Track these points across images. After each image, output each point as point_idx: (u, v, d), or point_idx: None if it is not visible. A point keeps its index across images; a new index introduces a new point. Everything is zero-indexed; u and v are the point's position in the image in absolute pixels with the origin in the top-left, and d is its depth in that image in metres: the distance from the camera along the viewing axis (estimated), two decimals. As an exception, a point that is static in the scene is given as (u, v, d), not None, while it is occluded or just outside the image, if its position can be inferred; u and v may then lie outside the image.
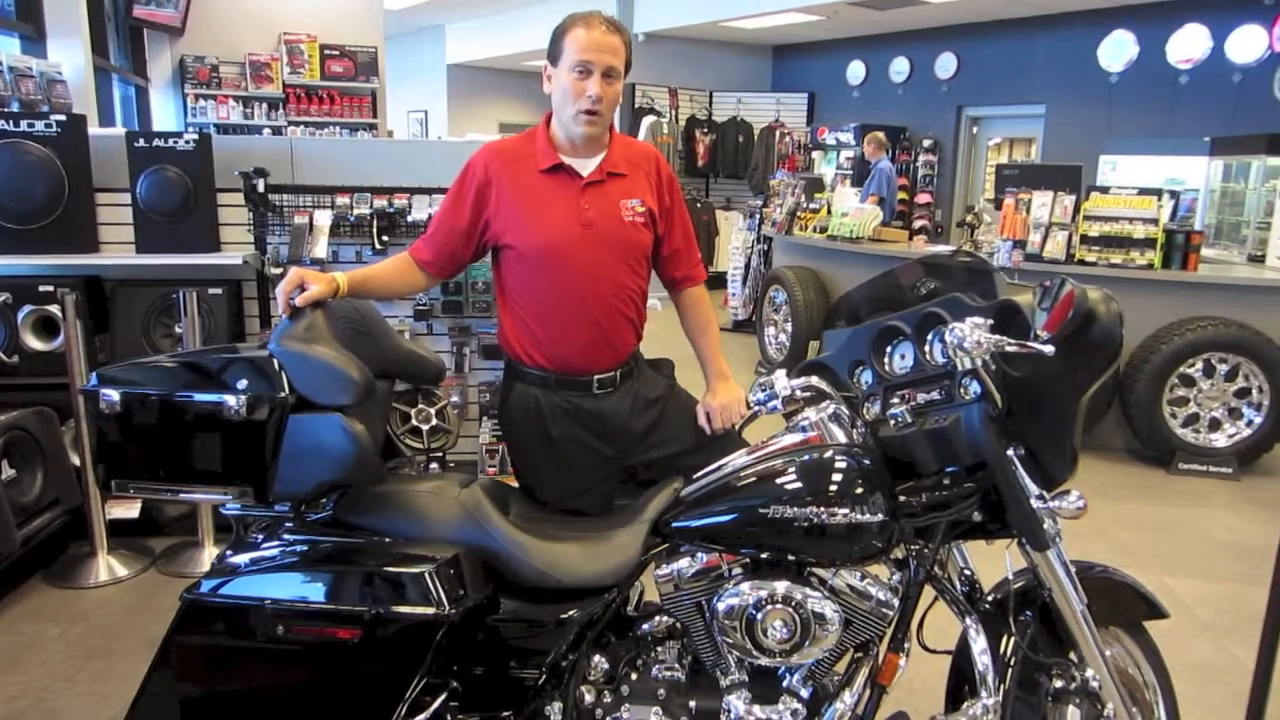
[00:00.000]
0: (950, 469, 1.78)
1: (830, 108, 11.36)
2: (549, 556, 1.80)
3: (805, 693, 1.81)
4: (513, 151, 2.12)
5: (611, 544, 1.83)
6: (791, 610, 1.74)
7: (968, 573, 1.91)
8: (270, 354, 1.71)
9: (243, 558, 1.73)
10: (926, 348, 1.85)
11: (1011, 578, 1.88)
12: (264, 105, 7.92)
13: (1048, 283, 1.74)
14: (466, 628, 1.72)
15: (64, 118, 3.38)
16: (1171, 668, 1.97)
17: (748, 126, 11.37)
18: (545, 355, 2.12)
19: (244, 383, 1.68)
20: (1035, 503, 1.71)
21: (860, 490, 1.72)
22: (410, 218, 3.53)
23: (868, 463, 1.76)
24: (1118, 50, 8.44)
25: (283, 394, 1.67)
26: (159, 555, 3.49)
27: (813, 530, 1.72)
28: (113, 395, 1.68)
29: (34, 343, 3.34)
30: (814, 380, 1.96)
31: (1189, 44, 7.93)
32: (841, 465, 1.75)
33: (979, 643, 1.78)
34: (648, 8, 10.90)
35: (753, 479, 1.79)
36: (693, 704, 1.83)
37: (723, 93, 11.59)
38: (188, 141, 3.46)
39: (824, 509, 1.71)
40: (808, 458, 1.78)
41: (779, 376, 1.97)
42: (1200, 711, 2.64)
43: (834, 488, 1.73)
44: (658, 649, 1.89)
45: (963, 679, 1.88)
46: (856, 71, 11.10)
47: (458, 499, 1.82)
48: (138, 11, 6.89)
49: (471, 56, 13.90)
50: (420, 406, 2.10)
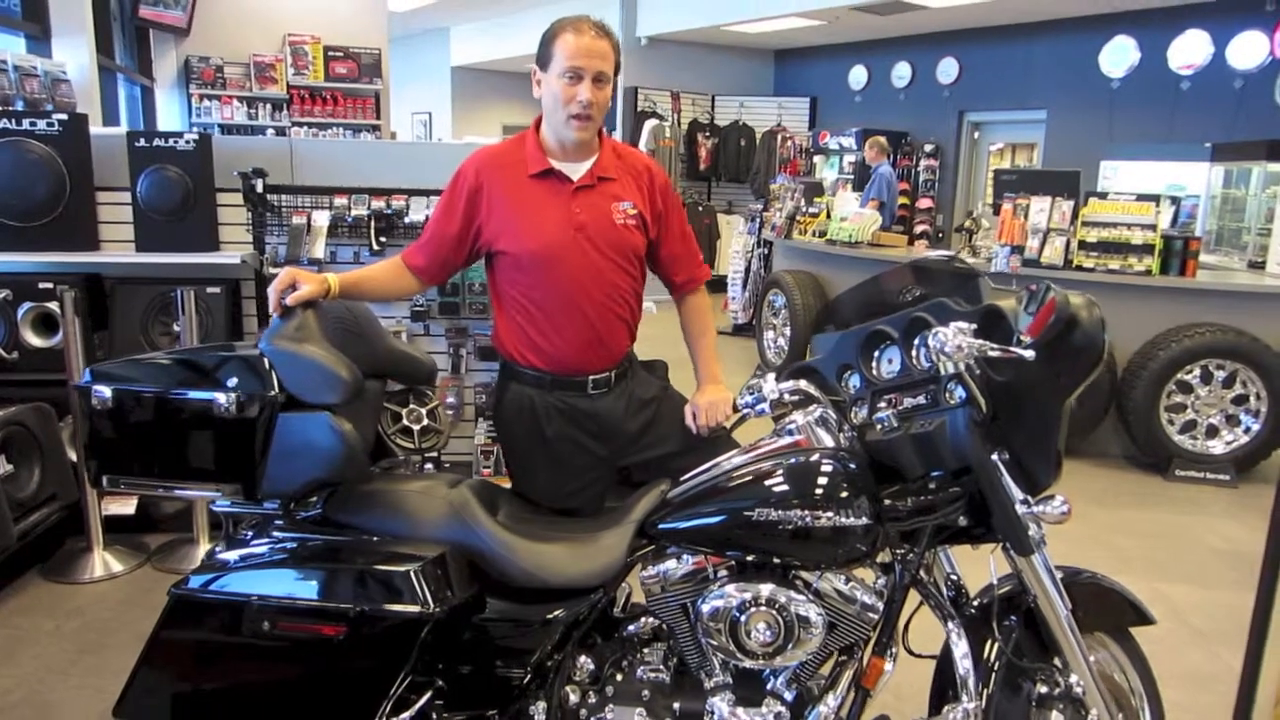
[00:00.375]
0: (936, 473, 1.78)
1: (832, 112, 11.36)
2: (535, 557, 1.81)
3: (789, 695, 1.82)
4: (503, 157, 2.14)
5: (597, 545, 1.84)
6: (775, 613, 1.75)
7: (954, 578, 1.92)
8: (261, 352, 1.73)
9: (232, 554, 1.75)
10: (913, 352, 1.85)
11: (996, 583, 1.88)
12: (268, 106, 7.95)
13: (1034, 287, 1.73)
14: (452, 626, 1.74)
15: (66, 117, 3.40)
16: (1163, 675, 1.96)
17: (750, 130, 11.38)
18: (540, 356, 2.14)
19: (234, 380, 1.70)
20: (1019, 508, 1.71)
21: (845, 494, 1.73)
22: (408, 219, 3.55)
23: (853, 466, 1.77)
24: (1119, 56, 8.44)
25: (272, 392, 1.69)
26: (154, 551, 3.51)
27: (797, 533, 1.72)
28: (105, 391, 1.70)
29: (34, 339, 3.37)
30: (802, 384, 1.97)
31: (1190, 50, 7.92)
32: (827, 469, 1.76)
33: (960, 647, 1.79)
34: (650, 12, 10.92)
35: (738, 482, 1.80)
36: (677, 705, 1.84)
37: (725, 97, 11.60)
38: (188, 141, 3.48)
39: (809, 512, 1.72)
40: (793, 461, 1.79)
41: (767, 380, 1.98)
42: (1190, 719, 2.64)
43: (819, 491, 1.74)
44: (643, 650, 1.90)
45: (947, 683, 1.88)
46: (858, 76, 11.10)
47: (445, 498, 1.83)
48: (143, 12, 6.92)
49: (476, 59, 13.93)
50: (411, 406, 2.11)
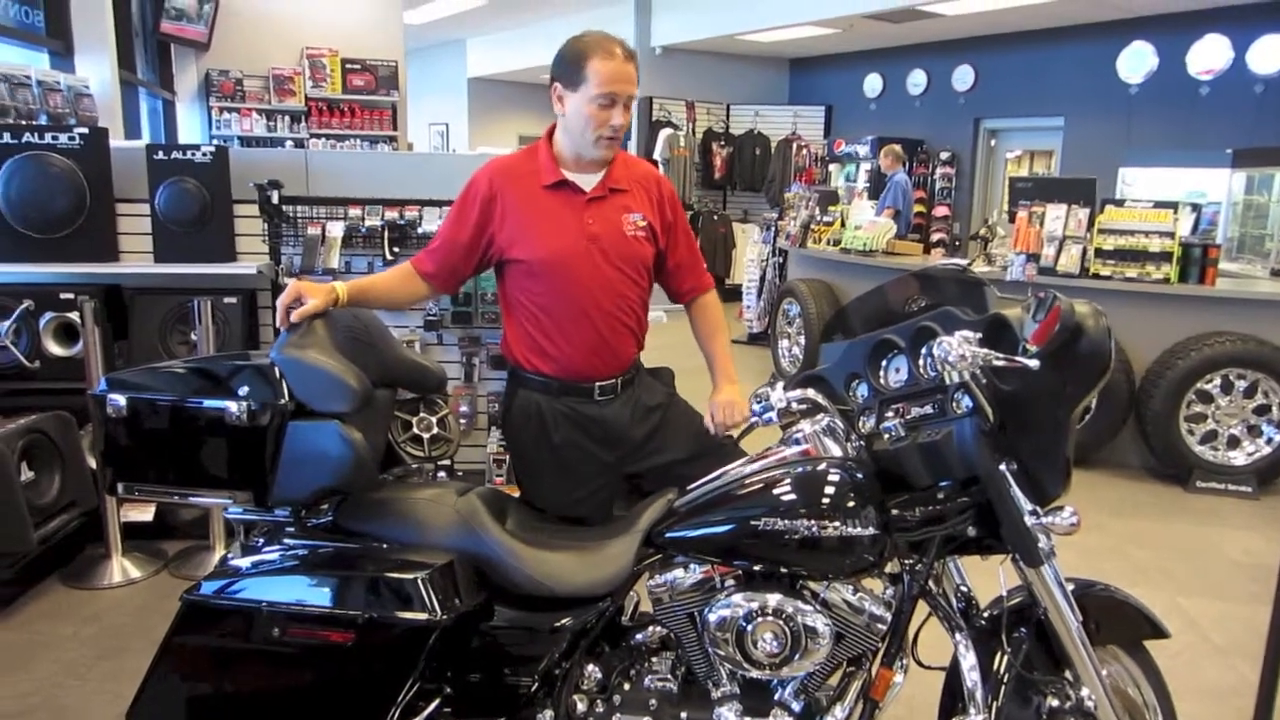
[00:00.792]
0: (944, 483, 1.78)
1: (847, 120, 11.34)
2: (542, 565, 1.82)
3: (797, 706, 1.81)
4: (516, 168, 2.17)
5: (605, 554, 1.84)
6: (782, 623, 1.75)
7: (964, 589, 1.91)
8: (271, 361, 1.75)
9: (243, 561, 1.77)
10: (920, 362, 1.84)
11: (1006, 594, 1.86)
12: (286, 118, 8.05)
13: (1041, 294, 1.73)
14: (460, 634, 1.75)
15: (87, 131, 3.46)
16: (1180, 689, 1.94)
17: (764, 139, 11.38)
18: (548, 363, 2.16)
19: (246, 389, 1.72)
20: (1028, 519, 1.70)
21: (852, 504, 1.73)
22: (421, 229, 3.58)
23: (860, 476, 1.76)
24: (1137, 62, 8.38)
25: (282, 401, 1.71)
26: (172, 558, 3.55)
27: (805, 543, 1.72)
28: (120, 400, 1.73)
29: (55, 348, 3.42)
30: (810, 393, 1.97)
31: (1210, 55, 7.85)
32: (834, 478, 1.75)
33: (969, 659, 1.77)
34: (665, 21, 10.96)
35: (745, 491, 1.80)
36: (684, 715, 1.84)
37: (740, 105, 11.61)
38: (205, 154, 3.53)
39: (816, 522, 1.71)
40: (801, 470, 1.79)
41: (775, 388, 1.98)
42: (1207, 733, 2.61)
43: (826, 500, 1.73)
44: (651, 659, 1.90)
45: (956, 696, 1.87)
46: (873, 84, 11.08)
47: (454, 507, 1.84)
48: (165, 27, 7.03)
49: (492, 70, 14.03)
50: (422, 415, 2.13)
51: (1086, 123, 8.94)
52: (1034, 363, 1.57)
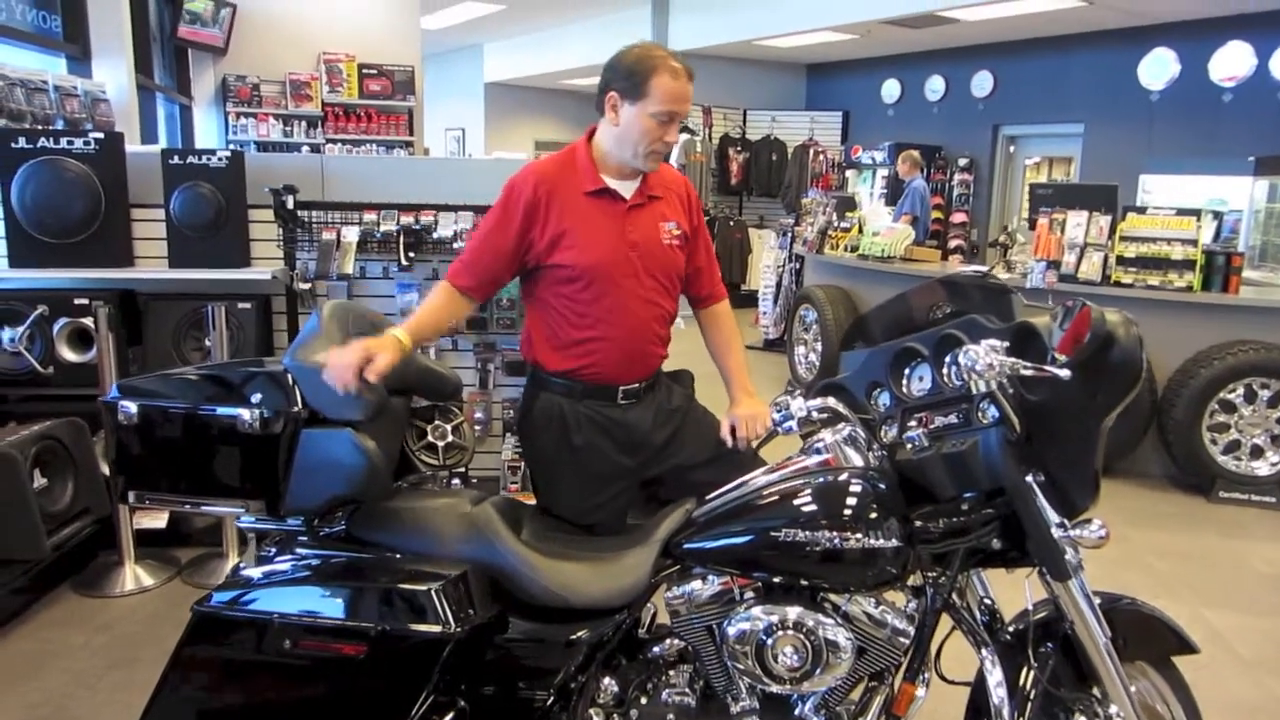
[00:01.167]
0: (968, 494, 1.74)
1: (865, 126, 11.30)
2: (559, 576, 1.79)
3: (818, 721, 1.78)
4: (557, 173, 2.14)
5: (622, 564, 1.81)
6: (803, 637, 1.71)
7: (988, 602, 1.87)
8: (285, 368, 1.73)
9: (255, 571, 1.74)
10: (944, 370, 1.81)
11: (1032, 608, 1.83)
12: (303, 123, 8.06)
13: (1070, 303, 1.69)
14: (474, 646, 1.72)
15: (102, 135, 3.46)
16: (1206, 705, 1.90)
17: (781, 145, 11.35)
18: (575, 367, 2.14)
19: (259, 396, 1.70)
20: (1056, 531, 1.66)
21: (875, 515, 1.69)
22: (436, 234, 3.56)
23: (883, 487, 1.73)
24: (1158, 68, 8.32)
25: (295, 409, 1.68)
26: (185, 566, 3.54)
27: (826, 555, 1.69)
28: (131, 407, 1.71)
29: (69, 354, 3.41)
30: (830, 401, 1.94)
31: (1232, 62, 7.79)
32: (856, 489, 1.72)
33: (995, 675, 1.73)
34: (682, 26, 10.95)
35: (765, 501, 1.77)
36: (702, 729, 1.81)
37: (756, 111, 11.59)
38: (220, 159, 3.52)
39: (837, 533, 1.68)
40: (822, 480, 1.76)
41: (795, 397, 1.95)
42: (1236, 750, 2.55)
43: (848, 512, 1.70)
44: (668, 673, 1.87)
45: (981, 712, 1.83)
46: (891, 90, 11.05)
47: (468, 516, 1.82)
48: (182, 32, 7.06)
49: (509, 75, 14.05)
50: (436, 423, 2.10)
51: (1107, 129, 8.88)
52: (1065, 372, 1.53)
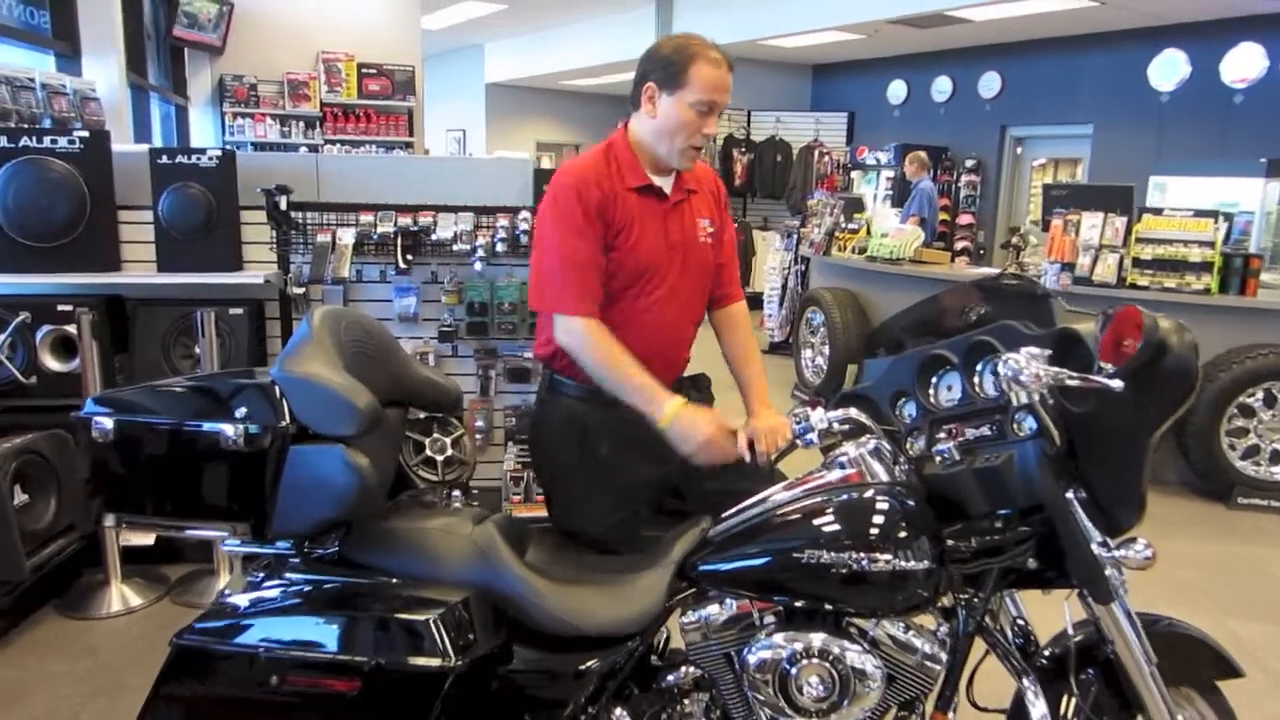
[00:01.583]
0: (1003, 511, 1.64)
1: (870, 127, 11.23)
2: (567, 601, 1.68)
3: (844, 755, 1.66)
4: (603, 170, 2.04)
5: (634, 588, 1.70)
6: (829, 665, 1.61)
7: (1021, 623, 1.77)
8: (273, 380, 1.62)
9: (241, 599, 1.63)
10: (976, 379, 1.71)
11: (1071, 631, 1.72)
12: (301, 124, 7.95)
13: (1111, 310, 1.59)
14: (477, 678, 1.60)
15: (87, 134, 3.34)
16: (1243, 728, 1.80)
17: (786, 146, 11.28)
18: None
19: (244, 410, 1.59)
20: (1098, 550, 1.56)
21: (904, 534, 1.59)
22: (435, 236, 3.45)
23: (912, 503, 1.62)
24: (1169, 69, 8.26)
25: (282, 423, 1.57)
26: (174, 584, 3.38)
27: (852, 577, 1.58)
28: (105, 423, 1.60)
29: (52, 363, 3.25)
30: (853, 412, 1.83)
31: (1244, 63, 7.74)
32: (883, 506, 1.62)
33: (1039, 707, 1.62)
34: (686, 26, 10.84)
35: (785, 520, 1.66)
36: (719, 764, 1.69)
37: (761, 112, 11.50)
38: (211, 158, 3.40)
39: (864, 554, 1.57)
40: (846, 497, 1.65)
41: (816, 408, 1.84)
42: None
43: (875, 531, 1.59)
44: (684, 702, 1.76)
45: (1017, 742, 1.73)
46: (898, 90, 10.98)
47: (469, 538, 1.70)
48: (177, 32, 6.96)
49: (510, 75, 13.99)
50: (435, 436, 1.99)
51: (1116, 131, 8.82)
52: (1116, 383, 1.42)
